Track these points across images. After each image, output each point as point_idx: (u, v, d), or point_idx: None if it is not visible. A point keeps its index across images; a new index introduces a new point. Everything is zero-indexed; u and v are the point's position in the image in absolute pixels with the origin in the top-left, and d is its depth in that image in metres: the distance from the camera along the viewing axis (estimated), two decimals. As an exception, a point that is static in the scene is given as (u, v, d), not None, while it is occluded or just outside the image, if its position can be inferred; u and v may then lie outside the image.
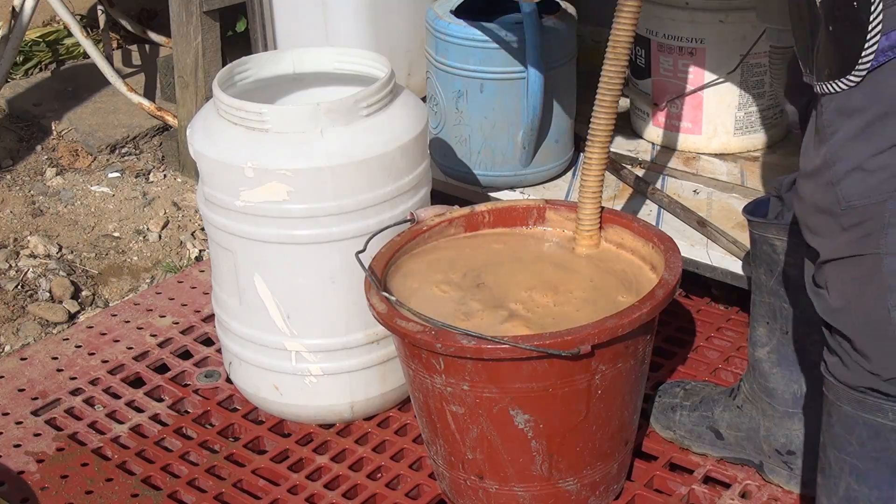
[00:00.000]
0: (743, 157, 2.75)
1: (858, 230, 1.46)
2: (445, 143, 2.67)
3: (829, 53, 1.46)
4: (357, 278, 1.92)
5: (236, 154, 1.98)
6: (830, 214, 1.48)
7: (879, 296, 1.48)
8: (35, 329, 2.66)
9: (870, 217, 1.45)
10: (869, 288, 1.49)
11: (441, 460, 1.94)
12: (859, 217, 1.46)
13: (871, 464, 1.59)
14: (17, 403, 2.30)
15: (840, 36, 1.43)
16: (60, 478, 2.09)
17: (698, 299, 2.52)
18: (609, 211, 2.07)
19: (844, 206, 1.46)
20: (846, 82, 1.44)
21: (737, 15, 2.61)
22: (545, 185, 2.66)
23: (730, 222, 2.44)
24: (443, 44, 2.55)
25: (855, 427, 1.59)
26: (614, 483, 1.96)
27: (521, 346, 1.68)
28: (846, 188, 1.45)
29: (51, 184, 3.31)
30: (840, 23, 1.43)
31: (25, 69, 3.91)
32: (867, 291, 1.50)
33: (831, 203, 1.47)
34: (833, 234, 1.49)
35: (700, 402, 2.08)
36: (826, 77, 1.46)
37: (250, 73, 2.20)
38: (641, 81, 2.81)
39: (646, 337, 1.84)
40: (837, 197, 1.46)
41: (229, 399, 2.31)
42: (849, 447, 1.61)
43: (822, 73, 1.47)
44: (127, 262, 2.97)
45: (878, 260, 1.47)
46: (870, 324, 1.51)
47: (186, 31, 3.11)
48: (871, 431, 1.57)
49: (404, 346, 1.83)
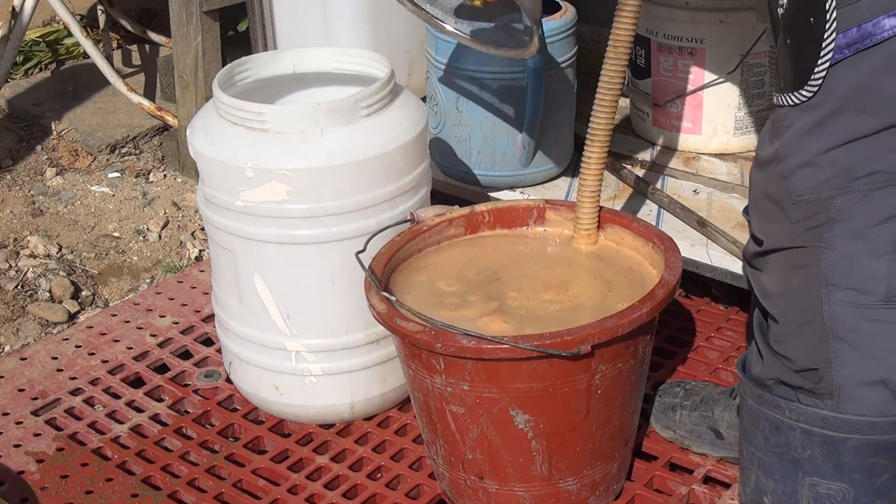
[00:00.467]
0: (743, 157, 2.75)
1: (805, 223, 1.50)
2: (445, 143, 2.67)
3: (785, 65, 1.49)
4: (357, 278, 1.92)
5: (236, 154, 1.98)
6: (780, 206, 1.52)
7: (815, 287, 1.52)
8: (35, 329, 2.66)
9: (817, 212, 1.49)
10: (806, 278, 1.53)
11: (441, 460, 1.94)
12: (807, 211, 1.49)
13: (774, 458, 1.64)
14: (17, 403, 2.30)
15: (795, 49, 1.46)
16: (60, 478, 2.09)
17: (698, 299, 2.52)
18: (609, 211, 2.07)
19: (794, 200, 1.49)
20: (798, 96, 1.47)
21: (737, 15, 2.61)
22: (545, 185, 2.66)
23: (730, 222, 2.44)
24: (443, 44, 2.55)
25: (759, 422, 1.64)
26: (614, 483, 1.96)
27: (521, 346, 1.68)
28: (797, 182, 1.48)
29: (51, 184, 3.31)
30: (796, 35, 1.45)
31: (25, 69, 3.91)
32: (804, 281, 1.53)
33: (782, 195, 1.51)
34: (780, 224, 1.53)
35: (700, 401, 2.08)
36: (781, 88, 1.50)
37: (250, 73, 2.20)
38: (641, 81, 2.81)
39: (646, 337, 1.84)
40: (788, 190, 1.49)
41: (229, 399, 2.31)
42: (755, 441, 1.66)
43: (779, 83, 1.51)
44: (127, 262, 2.97)
45: (818, 253, 1.50)
46: (800, 311, 1.55)
47: (186, 31, 3.11)
48: (773, 427, 1.62)
49: (404, 346, 1.83)
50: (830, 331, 1.53)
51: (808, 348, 1.55)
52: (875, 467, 1.57)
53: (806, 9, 1.43)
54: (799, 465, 1.61)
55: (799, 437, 1.59)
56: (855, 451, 1.57)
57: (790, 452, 1.61)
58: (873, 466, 1.57)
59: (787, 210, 1.51)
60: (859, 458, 1.57)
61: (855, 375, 1.54)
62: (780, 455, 1.62)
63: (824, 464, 1.59)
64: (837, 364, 1.54)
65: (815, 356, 1.55)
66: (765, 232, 1.55)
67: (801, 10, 1.44)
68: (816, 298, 1.52)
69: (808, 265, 1.52)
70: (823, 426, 1.57)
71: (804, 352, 1.55)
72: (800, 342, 1.56)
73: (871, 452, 1.56)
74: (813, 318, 1.53)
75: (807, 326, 1.55)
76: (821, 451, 1.58)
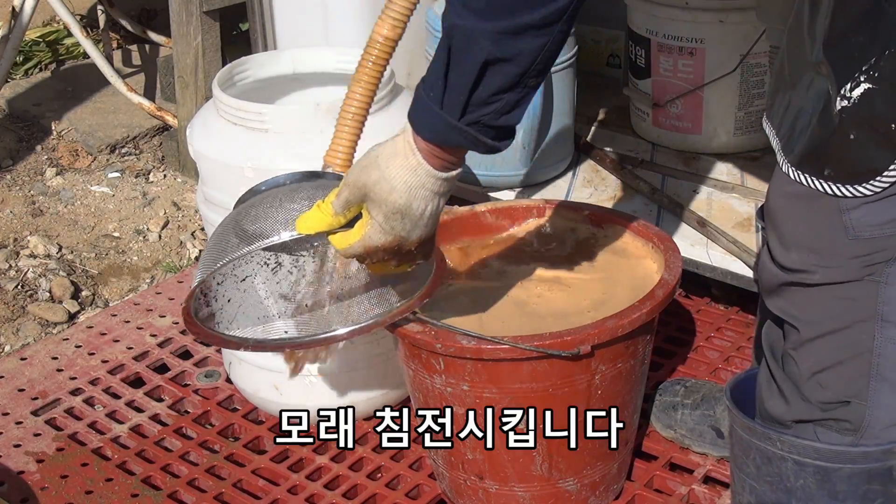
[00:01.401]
0: (743, 157, 2.75)
1: (863, 259, 1.43)
2: (445, 143, 2.67)
3: (841, 156, 1.40)
4: (357, 278, 1.92)
5: (236, 154, 1.98)
6: (830, 240, 1.44)
7: (865, 322, 1.47)
8: (35, 329, 2.66)
9: (880, 248, 1.42)
10: (854, 310, 1.47)
11: (441, 460, 1.94)
12: (868, 248, 1.43)
13: (766, 486, 1.62)
14: (17, 403, 2.30)
15: (863, 146, 1.38)
16: (60, 478, 2.09)
17: (698, 299, 2.52)
18: (609, 211, 2.07)
19: (853, 236, 1.42)
20: (857, 190, 1.39)
21: (737, 15, 2.61)
22: (545, 185, 2.66)
23: (730, 222, 2.44)
24: (443, 44, 2.55)
25: (749, 452, 1.61)
26: (614, 483, 1.96)
27: (521, 347, 1.68)
28: (858, 219, 1.41)
29: (51, 184, 3.31)
30: (868, 134, 1.37)
31: (25, 69, 3.91)
32: (851, 313, 1.47)
33: (835, 230, 1.43)
34: (830, 259, 1.45)
35: (702, 399, 2.08)
36: (828, 177, 1.41)
37: (250, 74, 2.20)
38: (641, 81, 2.81)
39: (646, 337, 1.83)
40: (846, 226, 1.42)
41: (229, 399, 2.31)
42: (746, 468, 1.63)
43: (821, 171, 1.41)
44: (127, 262, 2.97)
45: (874, 288, 1.45)
46: (844, 342, 1.49)
47: (186, 31, 3.11)
48: (764, 457, 1.59)
49: (404, 346, 1.83)
50: (875, 368, 1.49)
51: (847, 380, 1.51)
52: (868, 493, 1.55)
53: (887, 115, 1.35)
54: (792, 494, 1.58)
55: (791, 467, 1.56)
56: (849, 480, 1.55)
57: (783, 482, 1.58)
58: (867, 493, 1.55)
59: (842, 245, 1.43)
60: (853, 486, 1.55)
61: (887, 418, 1.51)
62: (772, 484, 1.60)
63: (818, 493, 1.56)
64: (872, 404, 1.51)
65: (851, 389, 1.51)
66: (806, 264, 1.47)
67: (880, 115, 1.35)
68: (867, 333, 1.47)
69: (858, 298, 1.46)
70: (816, 457, 1.54)
71: (843, 383, 1.51)
72: (839, 373, 1.51)
73: (865, 480, 1.54)
74: (860, 352, 1.48)
75: (850, 359, 1.50)
76: (814, 481, 1.55)
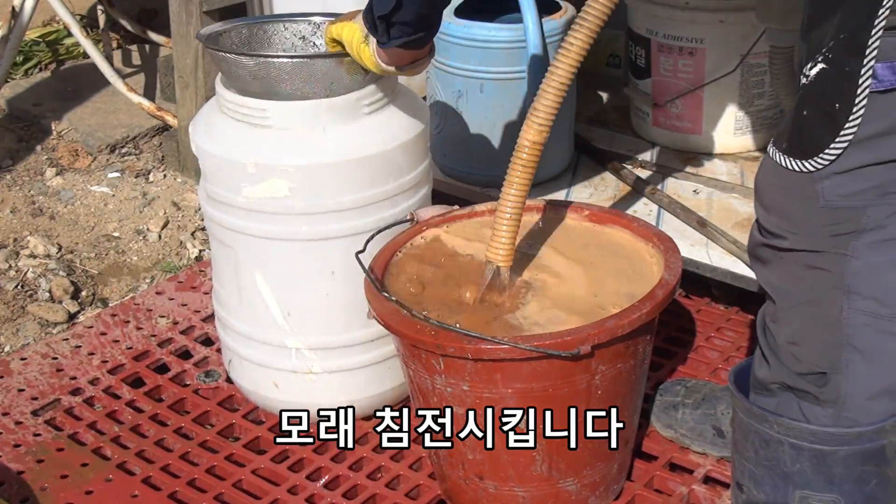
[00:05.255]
0: (743, 157, 2.76)
1: (830, 229, 1.47)
2: (445, 143, 2.67)
3: (795, 131, 1.47)
4: (357, 276, 1.92)
5: (239, 150, 1.98)
6: (802, 206, 1.48)
7: (834, 293, 1.50)
8: (35, 329, 2.66)
9: (845, 219, 1.46)
10: (822, 281, 1.50)
11: (441, 460, 1.94)
12: (834, 218, 1.46)
13: (764, 471, 1.63)
14: (17, 403, 2.30)
15: (812, 123, 1.44)
16: (60, 478, 2.09)
17: (698, 299, 2.52)
18: (609, 211, 2.07)
19: (823, 204, 1.46)
20: (804, 164, 1.45)
21: (737, 15, 2.61)
22: (545, 185, 2.66)
23: (730, 222, 2.44)
24: (443, 44, 2.55)
25: (749, 435, 1.63)
26: (614, 483, 1.96)
27: (521, 347, 1.68)
28: (828, 188, 1.45)
29: (51, 184, 3.31)
30: (816, 111, 1.44)
31: (25, 69, 3.91)
32: (819, 284, 1.50)
33: (807, 196, 1.47)
34: (800, 225, 1.49)
35: (702, 399, 2.08)
36: (784, 150, 1.48)
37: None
38: (641, 81, 2.81)
39: (646, 337, 1.83)
40: (817, 194, 1.46)
41: (229, 399, 2.31)
42: (746, 453, 1.65)
43: (781, 144, 1.49)
44: (127, 262, 2.97)
45: (841, 260, 1.48)
46: (815, 314, 1.52)
47: (186, 31, 3.11)
48: (762, 441, 1.61)
49: (404, 346, 1.83)
50: (846, 339, 1.51)
51: (819, 351, 1.53)
52: (863, 475, 1.57)
53: (832, 95, 1.41)
54: (789, 478, 1.60)
55: (788, 451, 1.58)
56: (844, 462, 1.56)
57: (780, 466, 1.60)
58: (862, 474, 1.57)
59: (811, 213, 1.48)
60: (848, 468, 1.56)
61: (865, 388, 1.53)
62: (770, 468, 1.61)
63: (815, 477, 1.58)
64: (847, 374, 1.53)
65: (825, 360, 1.53)
66: (780, 228, 1.52)
67: (827, 94, 1.42)
68: (835, 305, 1.50)
69: (825, 269, 1.49)
70: (813, 441, 1.55)
71: (815, 354, 1.53)
72: (811, 344, 1.53)
73: (859, 461, 1.56)
74: (830, 323, 1.51)
75: (821, 331, 1.53)
76: (810, 465, 1.57)
